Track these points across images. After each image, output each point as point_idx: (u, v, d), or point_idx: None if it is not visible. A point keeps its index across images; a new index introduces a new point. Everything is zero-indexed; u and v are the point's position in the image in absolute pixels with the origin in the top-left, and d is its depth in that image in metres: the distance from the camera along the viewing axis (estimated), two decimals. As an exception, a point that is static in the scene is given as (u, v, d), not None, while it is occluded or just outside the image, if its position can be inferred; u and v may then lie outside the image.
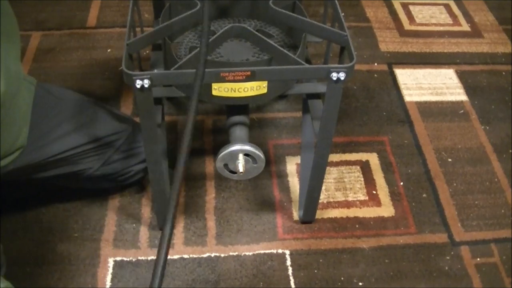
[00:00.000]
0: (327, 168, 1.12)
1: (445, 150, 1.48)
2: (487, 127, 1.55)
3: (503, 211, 1.35)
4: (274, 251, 1.22)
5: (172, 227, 0.58)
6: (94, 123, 1.12)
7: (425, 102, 1.61)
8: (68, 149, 1.07)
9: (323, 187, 1.31)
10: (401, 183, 1.38)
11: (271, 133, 1.48)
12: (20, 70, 0.97)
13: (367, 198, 1.35)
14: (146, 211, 1.28)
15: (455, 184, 1.40)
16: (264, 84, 0.96)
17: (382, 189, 1.37)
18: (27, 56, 1.65)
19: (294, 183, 1.36)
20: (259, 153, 1.00)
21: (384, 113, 1.57)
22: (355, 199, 1.34)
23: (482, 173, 1.43)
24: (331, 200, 1.33)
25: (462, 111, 1.60)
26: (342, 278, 1.18)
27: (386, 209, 1.32)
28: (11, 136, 0.96)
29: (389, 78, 1.69)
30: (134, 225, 1.25)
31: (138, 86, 0.84)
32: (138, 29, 1.11)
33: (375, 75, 1.69)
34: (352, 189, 1.36)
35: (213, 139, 1.45)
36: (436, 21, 1.94)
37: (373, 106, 1.59)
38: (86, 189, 1.26)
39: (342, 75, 0.88)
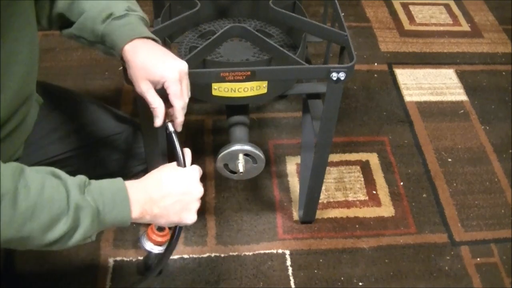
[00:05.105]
0: (327, 168, 1.12)
1: (445, 150, 1.48)
2: (487, 127, 1.55)
3: (503, 211, 1.35)
4: (274, 251, 1.22)
5: None
6: (94, 123, 1.12)
7: (425, 102, 1.61)
8: (67, 150, 1.07)
9: (323, 187, 1.31)
10: (401, 183, 1.38)
11: (271, 133, 1.48)
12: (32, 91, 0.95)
13: (367, 198, 1.34)
14: (146, 211, 1.28)
15: (455, 184, 1.40)
16: (264, 84, 0.96)
17: (382, 189, 1.37)
18: (27, 56, 1.64)
19: (294, 183, 1.36)
20: (259, 153, 1.00)
21: (384, 113, 1.57)
22: (355, 199, 1.34)
23: (482, 173, 1.43)
24: (331, 200, 1.33)
25: (462, 111, 1.60)
26: (342, 278, 1.18)
27: (386, 209, 1.32)
28: (11, 152, 0.95)
29: (389, 78, 1.69)
30: (134, 225, 1.25)
31: (138, 86, 0.84)
32: (138, 29, 1.11)
33: (375, 75, 1.69)
34: (352, 189, 1.36)
35: (213, 139, 1.45)
36: (436, 21, 1.94)
37: (373, 106, 1.59)
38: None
39: (342, 75, 0.88)
